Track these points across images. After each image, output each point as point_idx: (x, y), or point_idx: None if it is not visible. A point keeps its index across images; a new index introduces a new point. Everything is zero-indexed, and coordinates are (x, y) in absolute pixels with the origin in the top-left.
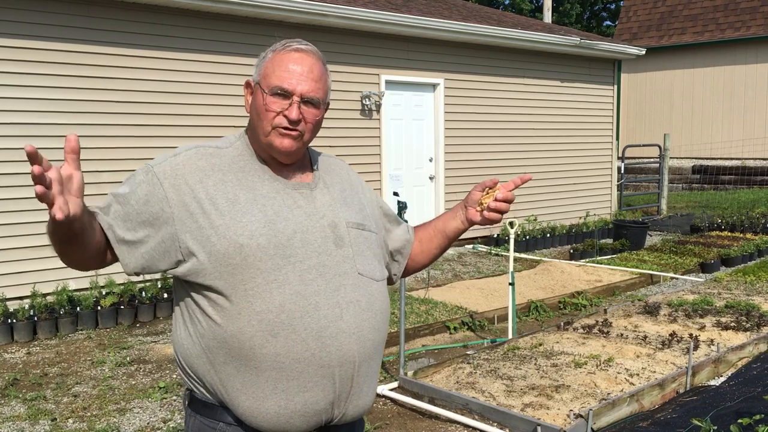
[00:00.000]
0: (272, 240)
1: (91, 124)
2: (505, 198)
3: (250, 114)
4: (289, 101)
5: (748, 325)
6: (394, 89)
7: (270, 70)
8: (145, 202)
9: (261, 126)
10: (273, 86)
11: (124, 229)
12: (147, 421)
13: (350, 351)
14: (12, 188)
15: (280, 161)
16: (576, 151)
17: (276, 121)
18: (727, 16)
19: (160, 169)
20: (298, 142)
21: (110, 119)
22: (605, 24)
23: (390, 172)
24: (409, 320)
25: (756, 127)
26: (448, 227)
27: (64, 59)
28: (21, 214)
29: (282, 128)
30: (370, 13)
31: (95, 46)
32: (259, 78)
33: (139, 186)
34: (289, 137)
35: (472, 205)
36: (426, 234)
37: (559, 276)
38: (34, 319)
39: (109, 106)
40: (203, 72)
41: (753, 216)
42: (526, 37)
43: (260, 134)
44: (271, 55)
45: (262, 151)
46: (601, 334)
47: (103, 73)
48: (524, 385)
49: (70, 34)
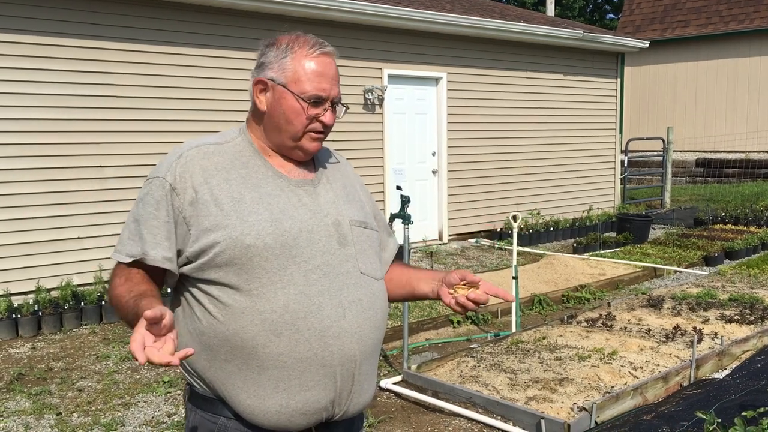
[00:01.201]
0: (278, 239)
1: (93, 119)
2: (476, 299)
3: (271, 115)
4: (324, 107)
5: (752, 318)
6: (396, 83)
7: (300, 75)
8: (169, 216)
9: (292, 130)
10: (310, 94)
11: (168, 249)
12: (151, 415)
13: (352, 350)
14: (15, 183)
15: (295, 159)
16: (579, 144)
17: (311, 126)
18: (731, 9)
19: (171, 178)
20: (322, 143)
21: (113, 114)
22: (608, 17)
23: (393, 166)
24: (413, 314)
25: (760, 120)
26: (419, 287)
27: (66, 54)
28: (25, 209)
29: (315, 132)
30: (372, 7)
31: (97, 41)
32: (286, 81)
33: (159, 203)
34: (319, 141)
35: (448, 286)
36: (399, 278)
37: (562, 270)
38: (39, 314)
39: (112, 101)
40: (206, 67)
41: (757, 209)
42: (529, 31)
43: (286, 138)
44: (295, 57)
45: (272, 147)
46: (604, 327)
47: (106, 68)
48: (528, 379)
49: (73, 29)
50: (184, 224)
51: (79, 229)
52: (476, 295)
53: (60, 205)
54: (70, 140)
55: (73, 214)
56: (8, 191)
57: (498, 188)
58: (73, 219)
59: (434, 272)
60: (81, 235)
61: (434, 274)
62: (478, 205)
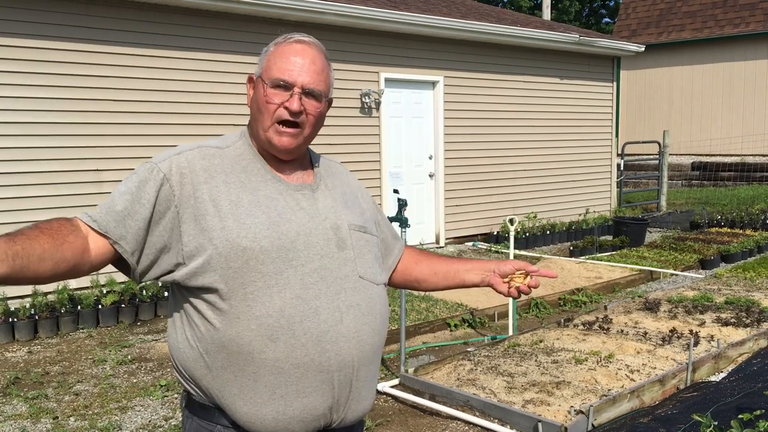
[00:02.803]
0: (275, 242)
1: (90, 123)
2: (535, 285)
3: (251, 108)
4: (290, 92)
5: (748, 321)
6: (393, 87)
7: (272, 63)
8: (153, 200)
9: (261, 120)
10: (274, 78)
11: (126, 232)
12: (149, 419)
13: (349, 355)
14: (11, 187)
15: (280, 158)
16: (576, 148)
17: (277, 113)
18: (726, 13)
19: (165, 166)
20: (297, 138)
21: (110, 118)
22: (604, 21)
23: (390, 169)
24: (410, 317)
25: (755, 123)
26: (468, 278)
27: (64, 58)
28: (22, 213)
29: (281, 123)
30: (368, 11)
31: (94, 45)
32: (261, 71)
33: (145, 184)
34: (288, 135)
35: (501, 276)
36: (447, 272)
37: (559, 273)
38: (35, 318)
39: (108, 105)
40: (202, 70)
41: (752, 212)
42: (525, 35)
43: (260, 129)
44: (273, 48)
45: (262, 148)
46: (601, 330)
47: (104, 72)
48: (525, 382)
49: (69, 33)
50: (173, 215)
51: None
52: (535, 281)
53: (57, 209)
54: (66, 144)
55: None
56: (4, 195)
57: (495, 191)
58: None
59: (482, 262)
60: None
61: (483, 264)
62: (474, 208)
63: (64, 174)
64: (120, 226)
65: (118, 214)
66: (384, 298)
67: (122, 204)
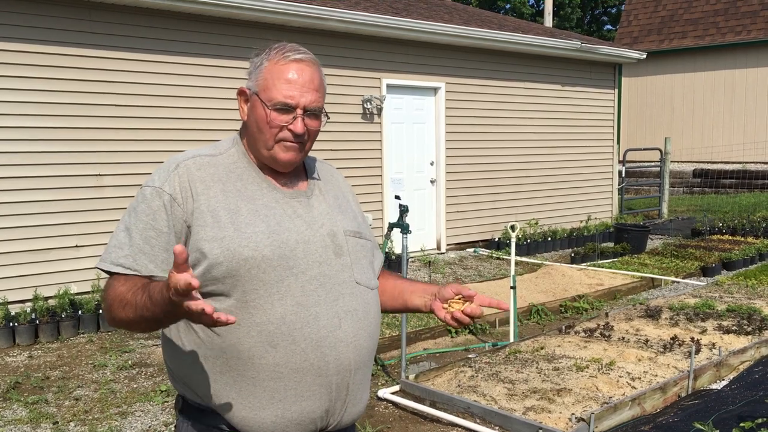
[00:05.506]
0: (276, 251)
1: (91, 128)
2: (472, 313)
3: (248, 124)
4: (293, 115)
5: (749, 328)
6: (395, 93)
7: (270, 83)
8: (169, 227)
9: (263, 139)
10: (275, 101)
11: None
12: (149, 424)
13: (347, 359)
14: (13, 192)
15: (278, 170)
16: (577, 154)
17: (280, 135)
18: (728, 20)
19: (169, 187)
20: (301, 153)
21: (111, 122)
22: (606, 28)
23: (391, 175)
24: (411, 324)
25: (757, 130)
26: (411, 301)
27: (65, 63)
28: (23, 218)
29: (287, 141)
30: (370, 17)
31: (96, 49)
32: (258, 89)
33: (158, 213)
34: (293, 150)
35: (441, 300)
36: (392, 291)
37: (560, 279)
38: (36, 323)
39: (110, 109)
40: (203, 76)
41: (754, 220)
42: (527, 41)
43: (261, 147)
44: (268, 65)
45: (259, 159)
46: (602, 337)
47: (105, 76)
48: (526, 389)
49: (73, 39)
50: (187, 232)
51: (77, 237)
52: (471, 309)
53: (58, 213)
54: (67, 148)
55: (71, 223)
56: (6, 199)
57: (496, 198)
58: (71, 227)
59: (427, 285)
60: (79, 243)
61: (427, 287)
62: (476, 214)
63: (64, 178)
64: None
65: (152, 256)
66: (377, 303)
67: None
